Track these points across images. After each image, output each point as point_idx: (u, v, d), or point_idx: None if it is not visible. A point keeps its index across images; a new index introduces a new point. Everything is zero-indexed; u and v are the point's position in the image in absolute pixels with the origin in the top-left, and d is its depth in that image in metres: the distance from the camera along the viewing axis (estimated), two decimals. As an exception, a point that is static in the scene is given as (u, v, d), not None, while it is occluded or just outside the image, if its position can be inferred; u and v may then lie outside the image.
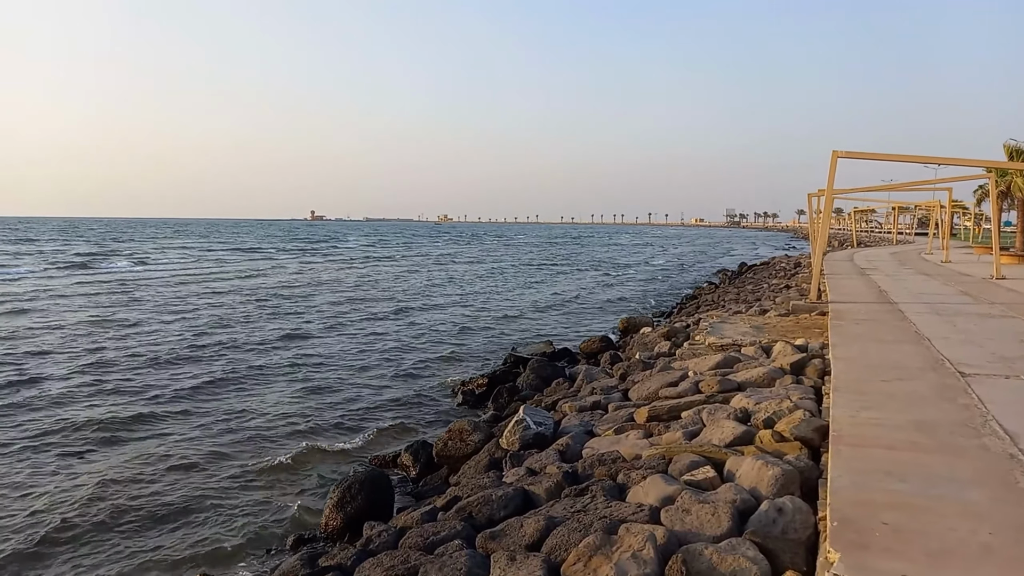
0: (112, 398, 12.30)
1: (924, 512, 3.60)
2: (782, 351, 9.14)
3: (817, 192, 23.18)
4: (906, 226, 71.46)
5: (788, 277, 26.11)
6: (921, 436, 4.78)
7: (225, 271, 42.93)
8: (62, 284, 32.68)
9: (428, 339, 19.07)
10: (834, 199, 17.72)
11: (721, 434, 6.03)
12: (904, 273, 19.73)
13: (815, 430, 5.59)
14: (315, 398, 12.62)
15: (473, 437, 8.59)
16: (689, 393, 7.87)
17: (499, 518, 5.41)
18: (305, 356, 16.29)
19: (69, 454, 9.57)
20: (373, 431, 10.79)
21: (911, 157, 15.06)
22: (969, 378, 6.45)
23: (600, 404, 8.72)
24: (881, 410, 5.44)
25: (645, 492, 5.07)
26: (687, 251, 79.09)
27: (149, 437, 10.29)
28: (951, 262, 24.17)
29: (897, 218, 61.18)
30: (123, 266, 46.15)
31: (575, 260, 61.58)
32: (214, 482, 8.71)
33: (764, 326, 11.85)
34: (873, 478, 4.05)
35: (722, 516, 4.35)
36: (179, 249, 70.25)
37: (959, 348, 7.91)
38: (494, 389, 12.01)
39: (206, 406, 12.05)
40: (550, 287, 35.59)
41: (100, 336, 18.40)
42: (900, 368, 6.93)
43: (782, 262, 38.21)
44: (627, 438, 6.80)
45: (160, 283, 33.86)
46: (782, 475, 4.73)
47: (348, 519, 6.90)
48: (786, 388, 7.35)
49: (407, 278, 39.67)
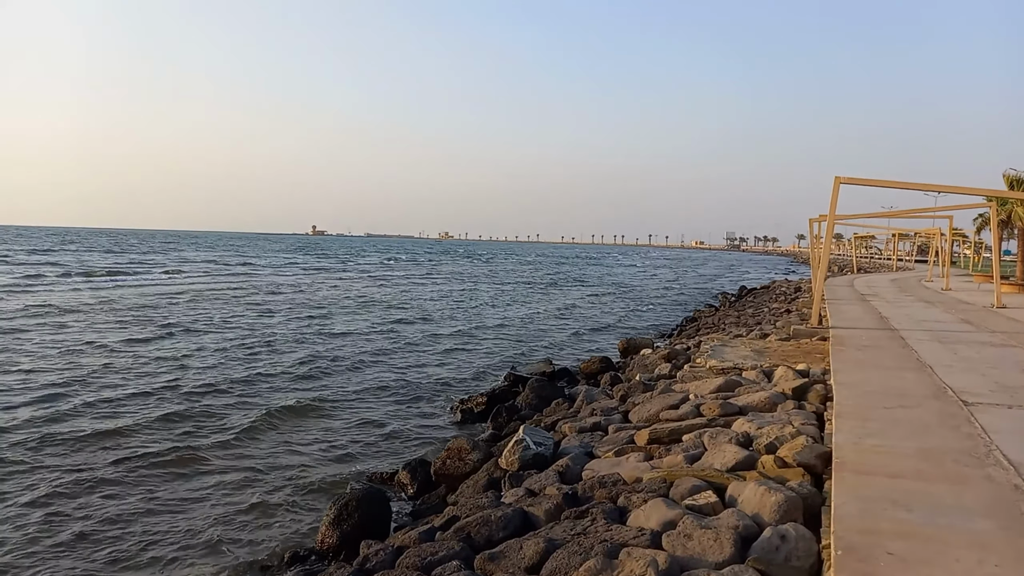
0: (111, 403, 12.24)
1: (930, 542, 3.57)
2: (784, 376, 9.11)
3: (818, 217, 23.27)
4: (906, 253, 71.66)
5: (788, 301, 26.09)
6: (926, 464, 4.75)
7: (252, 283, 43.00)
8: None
9: (426, 355, 19.02)
10: (835, 225, 17.77)
11: (723, 458, 5.99)
12: (905, 300, 19.74)
13: (818, 456, 5.55)
14: (311, 412, 12.55)
15: (472, 456, 8.53)
16: (690, 416, 7.83)
17: (498, 539, 5.35)
18: (294, 366, 16.25)
19: (58, 454, 9.51)
20: (370, 448, 10.73)
21: (912, 184, 15.12)
22: (972, 407, 6.42)
23: (600, 425, 8.66)
24: (884, 437, 5.40)
25: (646, 516, 5.02)
26: (692, 274, 78.57)
27: (137, 445, 10.22)
28: (951, 290, 24.19)
29: (897, 245, 61.35)
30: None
31: (578, 279, 61.63)
32: (207, 497, 8.63)
33: (765, 350, 11.83)
34: (878, 506, 4.02)
35: (724, 542, 4.31)
36: (206, 262, 70.07)
37: (961, 376, 7.89)
38: (493, 407, 11.95)
39: (199, 415, 12.03)
40: (551, 305, 35.58)
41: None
42: (903, 395, 6.90)
43: (782, 286, 38.22)
44: (628, 460, 6.75)
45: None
46: (785, 501, 4.68)
47: (344, 537, 6.83)
48: (788, 413, 7.31)
49: (405, 293, 39.66)
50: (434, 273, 64.88)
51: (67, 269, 50.81)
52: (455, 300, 37.48)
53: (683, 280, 64.85)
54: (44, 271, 48.22)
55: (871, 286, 26.43)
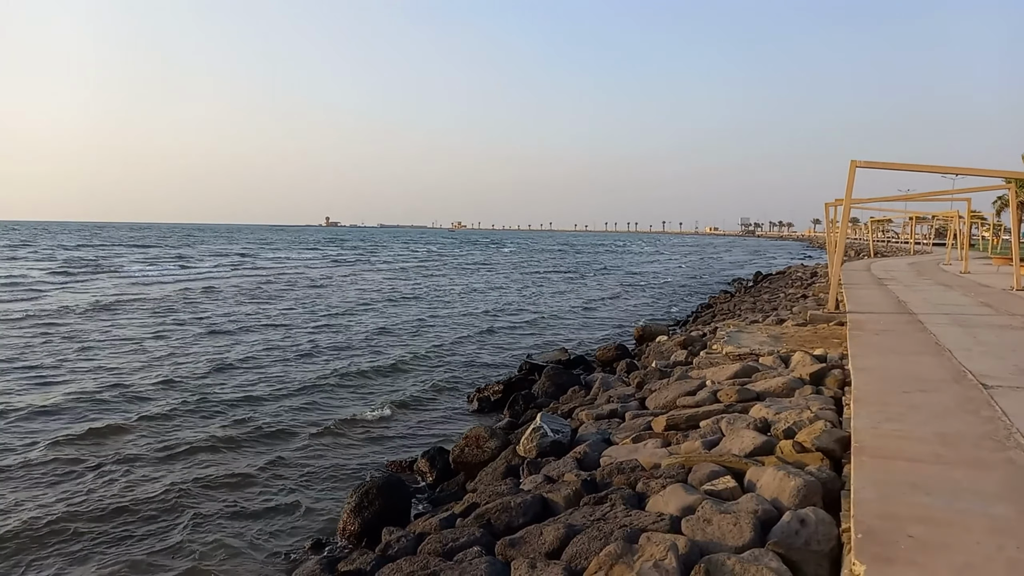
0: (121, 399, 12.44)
1: (950, 526, 3.57)
2: (801, 361, 9.09)
3: (834, 202, 23.00)
4: (923, 236, 70.89)
5: (805, 287, 25.93)
6: (945, 449, 4.75)
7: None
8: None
9: (443, 344, 19.11)
10: (851, 209, 17.61)
11: (741, 444, 6.01)
12: (922, 284, 19.56)
13: (836, 441, 5.56)
14: (331, 401, 12.70)
15: (490, 444, 8.60)
16: (707, 402, 7.85)
17: (518, 525, 5.42)
18: (314, 357, 16.40)
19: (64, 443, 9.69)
20: (388, 436, 10.83)
21: (929, 167, 14.94)
22: (992, 390, 6.39)
23: (617, 412, 8.70)
24: (903, 422, 5.39)
25: (665, 501, 5.06)
26: (718, 261, 76.88)
27: (164, 431, 10.39)
28: (970, 273, 23.93)
29: (914, 228, 60.68)
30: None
31: (592, 267, 61.47)
32: (227, 485, 8.76)
33: (782, 336, 11.79)
34: (897, 490, 4.03)
35: (744, 526, 4.34)
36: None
37: (981, 360, 7.83)
38: (510, 396, 12.02)
39: (223, 399, 12.24)
40: (566, 293, 35.58)
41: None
42: (921, 380, 6.87)
43: (798, 271, 37.96)
44: (645, 447, 6.79)
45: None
46: (804, 486, 4.70)
47: (365, 524, 6.93)
48: (806, 398, 7.31)
49: (421, 283, 39.80)
50: (452, 263, 64.91)
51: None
52: (472, 288, 37.58)
53: (715, 266, 64.26)
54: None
55: (888, 270, 26.20)
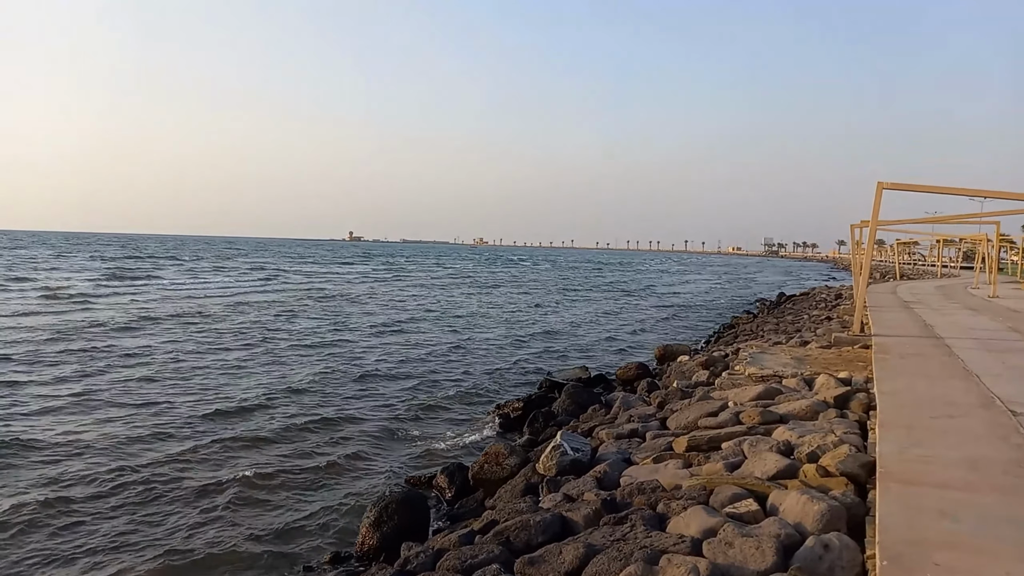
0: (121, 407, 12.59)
1: (978, 553, 3.51)
2: (825, 384, 8.98)
3: (860, 223, 22.78)
4: (951, 259, 69.87)
5: (829, 308, 25.64)
6: (973, 475, 4.67)
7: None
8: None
9: (461, 361, 19.14)
10: (877, 231, 17.44)
11: (764, 467, 5.94)
12: (950, 307, 19.27)
13: (861, 466, 5.47)
14: (348, 417, 12.74)
15: (509, 461, 8.58)
16: (729, 424, 7.77)
17: (537, 544, 5.39)
18: (338, 372, 16.50)
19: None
20: (407, 451, 10.85)
21: (957, 190, 14.77)
22: (1021, 416, 6.27)
23: (638, 432, 8.65)
24: (930, 447, 5.32)
25: (686, 523, 5.01)
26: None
27: (183, 436, 10.50)
28: (999, 297, 23.53)
29: (942, 251, 59.85)
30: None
31: (617, 286, 61.28)
32: (249, 499, 8.82)
33: (805, 358, 11.66)
34: (924, 516, 3.96)
35: (766, 550, 4.28)
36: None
37: (1010, 385, 7.70)
38: (530, 413, 11.98)
39: (241, 409, 12.36)
40: (590, 312, 35.50)
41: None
42: (949, 404, 6.77)
43: (822, 293, 37.56)
44: (666, 467, 6.73)
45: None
46: (828, 511, 4.64)
47: (384, 539, 6.94)
48: (830, 422, 7.21)
49: (441, 298, 39.95)
50: (478, 279, 65.04)
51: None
52: (494, 305, 37.63)
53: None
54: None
55: (914, 293, 25.85)
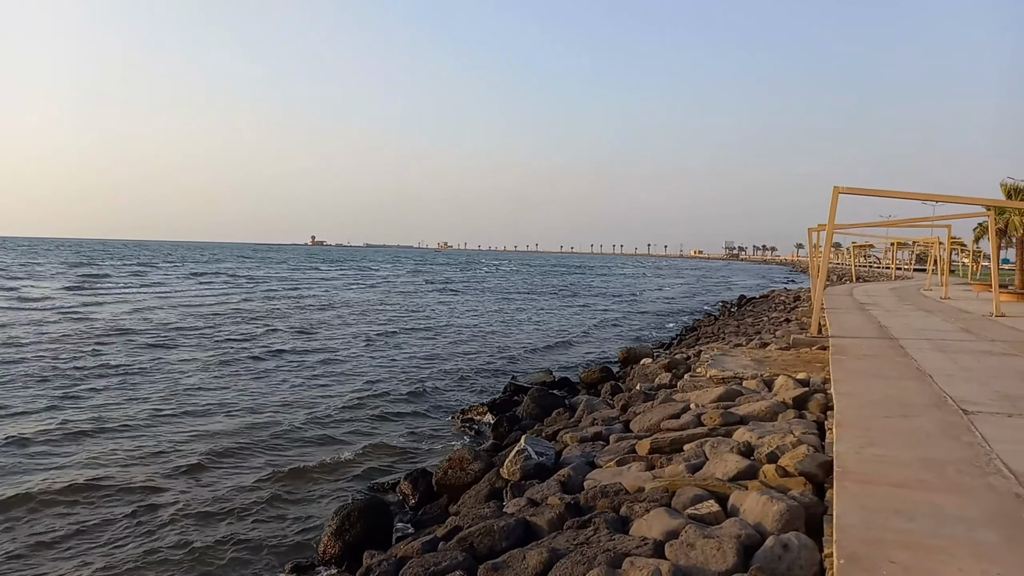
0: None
1: (933, 552, 3.58)
2: (784, 385, 9.12)
3: (817, 227, 23.27)
4: (904, 262, 71.72)
5: (788, 311, 26.12)
6: (927, 474, 4.77)
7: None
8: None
9: (424, 365, 19.02)
10: (834, 234, 17.82)
11: (725, 468, 6.00)
12: (904, 309, 19.77)
13: (819, 466, 5.56)
14: (310, 422, 12.54)
15: (473, 466, 8.53)
16: (691, 426, 7.84)
17: (500, 549, 5.36)
18: (299, 378, 16.26)
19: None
20: (370, 457, 10.71)
21: (911, 194, 15.17)
22: (972, 416, 6.44)
23: (601, 435, 8.67)
24: (886, 447, 5.42)
25: (649, 525, 5.03)
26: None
27: (144, 442, 10.23)
28: (950, 299, 24.24)
29: (896, 254, 61.41)
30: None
31: (580, 288, 61.55)
32: (209, 504, 8.63)
33: (765, 359, 11.85)
34: (880, 516, 4.03)
35: (727, 551, 4.32)
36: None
37: (961, 385, 7.91)
38: (495, 418, 11.96)
39: (202, 415, 12.08)
40: (552, 314, 35.60)
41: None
42: (903, 405, 6.92)
43: (781, 295, 38.26)
44: (629, 470, 6.76)
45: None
46: (787, 511, 4.70)
47: (347, 547, 6.83)
48: (789, 422, 7.32)
49: (403, 302, 39.70)
50: (440, 283, 64.63)
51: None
52: (458, 310, 37.51)
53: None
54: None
55: (870, 295, 26.47)
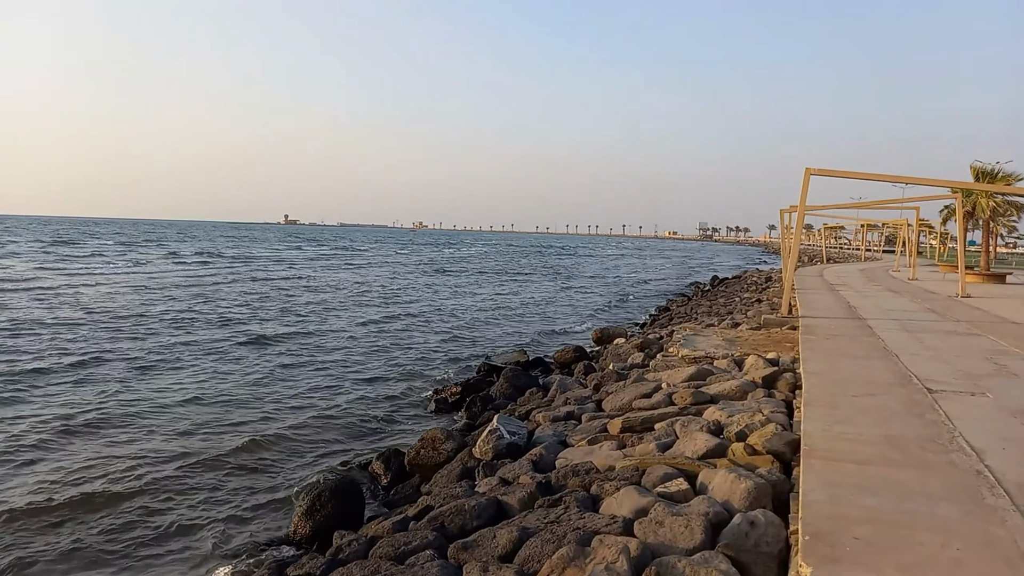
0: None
1: (896, 527, 3.64)
2: (754, 364, 9.22)
3: (789, 208, 23.47)
4: (874, 243, 72.80)
5: (759, 291, 26.41)
6: (892, 451, 4.84)
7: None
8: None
9: (399, 345, 18.95)
10: (805, 215, 17.98)
11: (694, 446, 6.05)
12: (872, 289, 20.07)
13: (787, 444, 5.63)
14: (283, 402, 12.46)
15: (446, 446, 8.53)
16: (663, 405, 7.90)
17: (471, 528, 5.37)
18: (275, 357, 16.11)
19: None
20: (343, 437, 10.67)
21: (880, 176, 15.34)
22: (936, 394, 6.55)
23: (574, 414, 8.71)
24: (852, 425, 5.49)
25: (619, 503, 5.06)
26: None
27: (115, 432, 10.08)
28: (918, 280, 24.65)
29: (866, 235, 62.31)
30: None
31: (554, 269, 61.65)
32: (177, 485, 8.53)
33: (736, 339, 11.96)
34: (845, 492, 4.09)
35: (695, 529, 4.35)
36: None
37: (926, 364, 8.05)
38: (467, 397, 11.96)
39: (167, 402, 11.90)
40: (526, 294, 35.64)
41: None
42: (870, 383, 7.02)
43: (753, 276, 38.68)
44: (601, 449, 6.79)
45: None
46: (754, 488, 4.75)
47: (317, 527, 6.81)
48: (758, 401, 7.40)
49: (379, 282, 39.47)
50: (429, 263, 64.22)
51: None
52: (433, 289, 37.38)
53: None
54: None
55: (840, 276, 26.82)
